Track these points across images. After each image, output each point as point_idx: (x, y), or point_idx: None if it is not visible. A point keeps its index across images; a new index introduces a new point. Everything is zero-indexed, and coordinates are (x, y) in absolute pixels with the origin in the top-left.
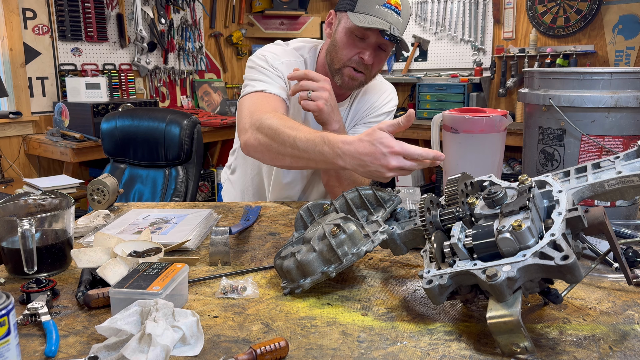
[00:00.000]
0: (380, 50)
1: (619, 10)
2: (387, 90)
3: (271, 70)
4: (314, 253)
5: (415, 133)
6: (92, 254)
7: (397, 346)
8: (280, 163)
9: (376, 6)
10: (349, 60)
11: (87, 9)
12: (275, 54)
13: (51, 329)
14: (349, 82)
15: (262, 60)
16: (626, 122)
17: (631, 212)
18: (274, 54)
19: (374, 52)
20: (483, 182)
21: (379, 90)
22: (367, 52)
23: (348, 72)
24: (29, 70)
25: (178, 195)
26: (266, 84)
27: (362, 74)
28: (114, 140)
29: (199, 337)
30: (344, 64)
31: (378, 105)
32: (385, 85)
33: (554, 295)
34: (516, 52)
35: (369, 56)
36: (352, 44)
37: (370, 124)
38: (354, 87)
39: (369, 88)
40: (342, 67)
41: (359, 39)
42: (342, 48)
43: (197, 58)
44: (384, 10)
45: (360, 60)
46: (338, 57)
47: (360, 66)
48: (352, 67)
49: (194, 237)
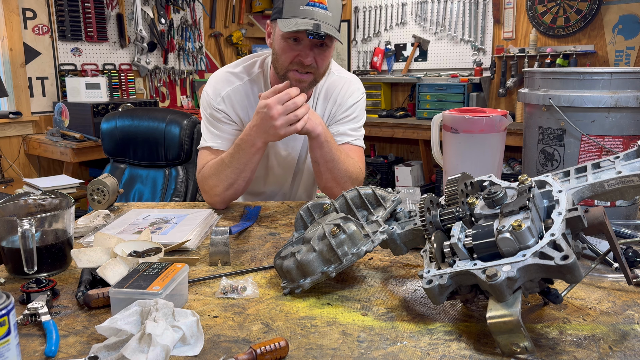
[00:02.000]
0: (320, 47)
1: (619, 10)
2: (346, 82)
3: (215, 117)
4: (314, 253)
5: (415, 133)
6: (92, 254)
7: (397, 346)
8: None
9: (300, 7)
10: (290, 64)
11: (87, 9)
12: (215, 90)
13: (51, 329)
14: (297, 85)
15: (206, 104)
16: (626, 122)
17: (631, 212)
18: (214, 89)
19: (311, 51)
20: (483, 182)
21: (340, 85)
22: (305, 54)
23: (293, 75)
24: (29, 70)
25: (178, 195)
26: (213, 137)
27: (310, 74)
28: (114, 140)
29: (199, 337)
30: (287, 68)
31: (343, 100)
32: (344, 79)
33: (554, 295)
34: (516, 52)
35: (307, 57)
36: (289, 49)
37: (342, 120)
38: (304, 88)
39: (330, 86)
40: (286, 72)
41: (294, 42)
42: (280, 55)
43: (197, 58)
44: (308, 9)
45: (300, 62)
46: (280, 64)
47: (303, 67)
48: (295, 70)
49: (194, 237)
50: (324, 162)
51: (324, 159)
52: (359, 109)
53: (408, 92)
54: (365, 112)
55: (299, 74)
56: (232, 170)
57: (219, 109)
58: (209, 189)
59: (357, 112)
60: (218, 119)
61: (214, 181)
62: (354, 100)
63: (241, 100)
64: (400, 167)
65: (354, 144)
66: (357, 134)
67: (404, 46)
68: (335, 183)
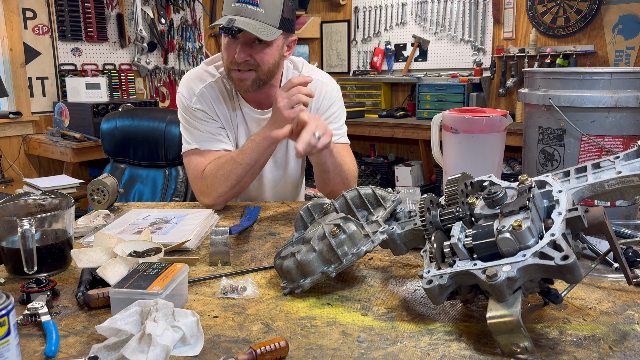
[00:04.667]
0: (258, 44)
1: (619, 10)
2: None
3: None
4: (314, 253)
5: (415, 133)
6: (92, 254)
7: (397, 346)
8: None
9: (232, 4)
10: (231, 63)
11: (87, 9)
12: (189, 89)
13: (51, 329)
14: (240, 84)
15: (183, 106)
16: (626, 122)
17: (631, 212)
18: (188, 89)
19: (245, 48)
20: (483, 182)
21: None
22: (237, 51)
23: (235, 75)
24: (29, 70)
25: (178, 195)
26: (198, 138)
27: (251, 71)
28: (114, 140)
29: (199, 337)
30: (228, 67)
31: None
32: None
33: (554, 295)
34: (516, 52)
35: (239, 53)
36: (228, 47)
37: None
38: (247, 87)
39: None
40: (229, 72)
41: (233, 40)
42: (223, 53)
43: (197, 58)
44: (237, 6)
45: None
46: (224, 63)
47: (243, 65)
48: (236, 70)
49: (194, 237)
50: (334, 168)
51: (334, 165)
52: (337, 107)
53: (408, 92)
54: (344, 107)
55: (239, 72)
56: (243, 168)
57: (196, 108)
58: (212, 190)
59: (337, 111)
60: (198, 119)
61: (220, 180)
62: (330, 102)
63: (216, 96)
64: (400, 167)
65: (340, 142)
66: (341, 132)
67: (404, 46)
68: (343, 186)
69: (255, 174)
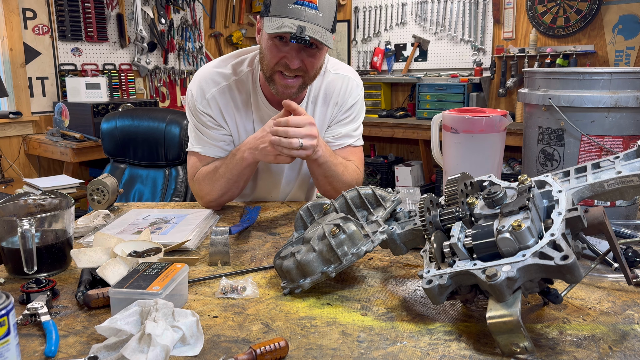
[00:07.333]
0: (310, 48)
1: (619, 10)
2: (344, 80)
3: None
4: (314, 253)
5: (415, 133)
6: (92, 254)
7: (397, 346)
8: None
9: (288, 5)
10: (276, 65)
11: (87, 9)
12: (200, 91)
13: (51, 329)
14: (284, 91)
15: (192, 105)
16: (626, 122)
17: (631, 212)
18: (199, 90)
19: (298, 54)
20: (483, 182)
21: (339, 85)
22: (291, 56)
23: (279, 79)
24: (29, 70)
25: (178, 195)
26: (200, 143)
27: (298, 78)
28: (114, 140)
29: (199, 337)
30: (272, 70)
31: (343, 100)
32: (341, 76)
33: (553, 295)
34: (516, 52)
35: (294, 60)
36: (275, 49)
37: (343, 121)
38: (292, 94)
39: (329, 87)
40: (272, 74)
41: (281, 42)
42: (266, 54)
43: (197, 58)
44: (296, 8)
45: (286, 65)
46: (266, 64)
47: (290, 71)
48: (280, 72)
49: (194, 237)
50: (323, 177)
51: (324, 175)
52: (359, 106)
53: (408, 92)
54: (364, 106)
55: (285, 78)
56: (226, 181)
57: (204, 112)
58: (203, 195)
59: (358, 111)
60: (204, 123)
61: (207, 189)
62: (354, 100)
63: (227, 102)
64: (400, 167)
65: (355, 145)
66: (357, 134)
67: (404, 46)
68: (334, 192)
69: (240, 186)
